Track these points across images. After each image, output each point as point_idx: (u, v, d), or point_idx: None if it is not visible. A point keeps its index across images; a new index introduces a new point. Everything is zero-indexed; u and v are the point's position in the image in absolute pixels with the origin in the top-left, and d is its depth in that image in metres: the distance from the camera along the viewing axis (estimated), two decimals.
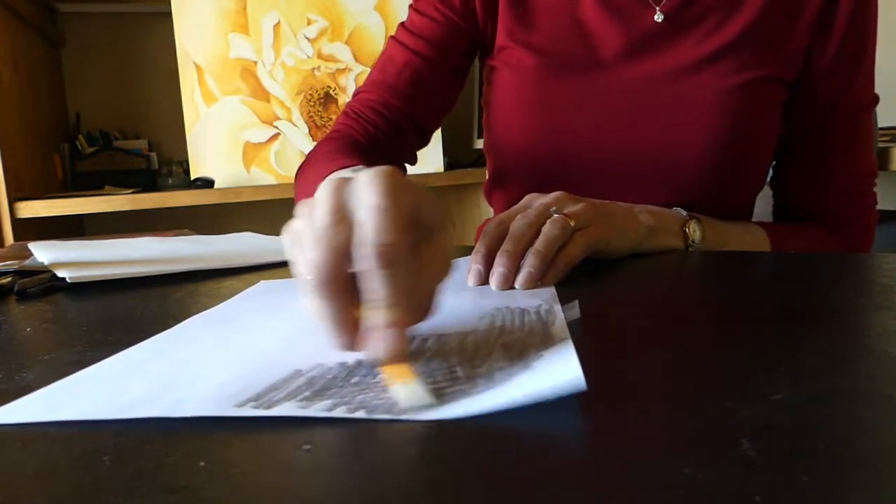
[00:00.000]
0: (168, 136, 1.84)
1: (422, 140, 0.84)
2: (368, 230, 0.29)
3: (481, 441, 0.23)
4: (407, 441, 0.23)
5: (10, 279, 0.56)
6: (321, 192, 0.32)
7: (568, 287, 0.46)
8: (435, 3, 0.77)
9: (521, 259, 0.48)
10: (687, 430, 0.22)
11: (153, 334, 0.38)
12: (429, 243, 0.32)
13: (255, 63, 1.60)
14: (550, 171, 0.74)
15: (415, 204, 0.31)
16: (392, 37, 0.81)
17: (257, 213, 1.78)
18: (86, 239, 0.84)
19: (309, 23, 1.62)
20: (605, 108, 0.72)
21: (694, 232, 0.64)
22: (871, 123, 0.75)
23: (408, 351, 0.29)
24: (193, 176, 1.58)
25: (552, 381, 0.24)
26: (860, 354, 0.31)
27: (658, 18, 0.71)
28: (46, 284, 0.55)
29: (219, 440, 0.23)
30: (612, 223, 0.56)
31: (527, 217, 0.51)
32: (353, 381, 0.28)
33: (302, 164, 0.74)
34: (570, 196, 0.55)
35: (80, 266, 0.58)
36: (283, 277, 0.56)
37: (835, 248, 0.75)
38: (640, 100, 0.71)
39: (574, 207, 0.53)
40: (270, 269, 0.62)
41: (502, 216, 0.53)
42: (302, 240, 0.32)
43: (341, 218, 0.30)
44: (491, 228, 0.51)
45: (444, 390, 0.26)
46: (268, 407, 0.25)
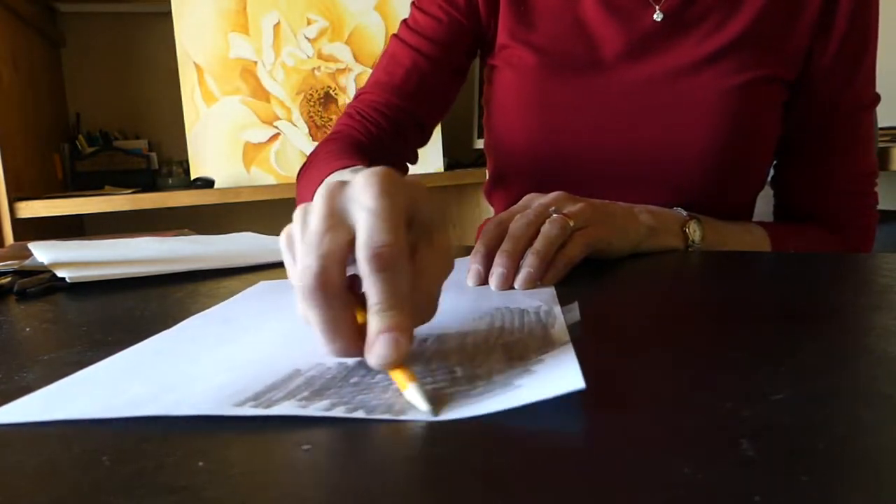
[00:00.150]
0: (168, 136, 1.84)
1: (423, 138, 0.84)
2: (364, 233, 0.28)
3: (480, 441, 0.23)
4: (406, 441, 0.23)
5: (10, 279, 0.56)
6: (316, 196, 0.31)
7: (568, 287, 0.46)
8: (439, 1, 0.77)
9: (520, 259, 0.47)
10: (687, 430, 0.22)
11: (153, 334, 0.38)
12: (427, 244, 0.31)
13: (255, 63, 1.60)
14: (551, 170, 0.74)
15: (411, 204, 0.30)
16: (395, 35, 0.80)
17: (257, 213, 1.78)
18: (86, 239, 0.84)
19: (309, 23, 1.61)
20: (605, 108, 0.72)
21: (694, 232, 0.64)
22: (871, 123, 0.75)
23: (406, 355, 0.28)
24: (193, 176, 1.58)
25: (553, 390, 0.24)
26: (860, 354, 0.31)
27: (657, 18, 0.71)
28: (46, 284, 0.55)
29: (219, 440, 0.23)
30: (612, 223, 0.56)
31: (526, 217, 0.51)
32: (352, 381, 0.28)
33: (304, 165, 0.74)
34: (569, 196, 0.55)
35: (80, 266, 0.58)
36: (282, 277, 0.56)
37: (835, 248, 0.75)
38: (641, 100, 0.71)
39: (573, 207, 0.53)
40: (270, 269, 0.62)
41: (502, 216, 0.53)
42: (294, 246, 0.32)
43: (335, 223, 0.30)
44: (490, 228, 0.51)
45: (443, 391, 0.26)
46: (267, 406, 0.25)
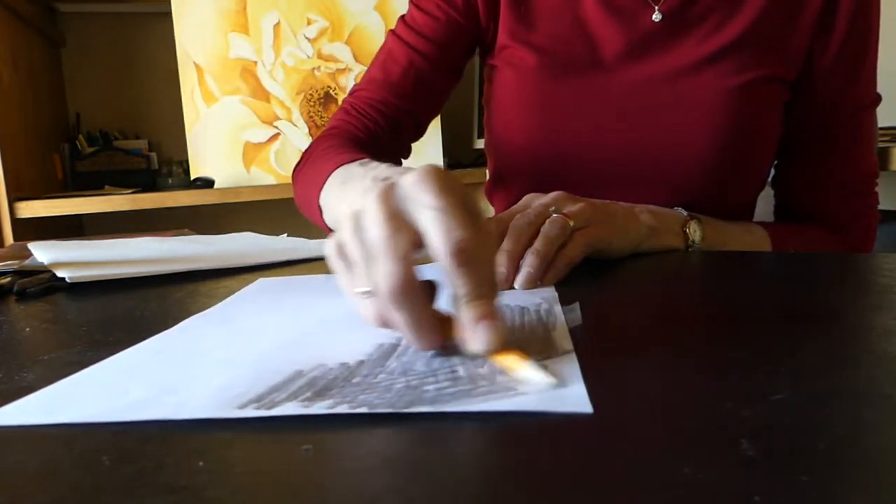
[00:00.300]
0: (168, 136, 1.84)
1: (417, 134, 0.83)
2: (439, 231, 0.29)
3: (480, 441, 0.23)
4: (406, 441, 0.23)
5: (10, 279, 0.56)
6: (367, 201, 0.31)
7: (568, 287, 0.46)
8: (437, 0, 0.77)
9: (520, 259, 0.47)
10: (687, 430, 0.22)
11: (153, 334, 0.38)
12: (479, 232, 0.32)
13: (255, 63, 1.60)
14: (551, 170, 0.74)
15: (465, 197, 0.31)
16: (391, 31, 0.80)
17: (257, 213, 1.78)
18: (86, 239, 0.84)
19: (309, 23, 1.61)
20: (605, 108, 0.72)
21: (694, 232, 0.64)
22: (872, 123, 0.75)
23: (507, 336, 0.30)
24: (193, 176, 1.58)
25: (559, 407, 0.24)
26: (860, 354, 0.31)
27: (656, 18, 0.71)
28: (46, 284, 0.55)
29: (219, 440, 0.23)
30: (613, 223, 0.56)
31: (526, 217, 0.51)
32: (354, 381, 0.28)
33: (301, 162, 0.73)
34: (569, 196, 0.55)
35: (80, 266, 0.58)
36: (281, 276, 0.56)
37: (836, 248, 0.75)
38: (641, 100, 0.71)
39: (573, 207, 0.53)
40: (270, 269, 0.62)
41: (502, 216, 0.53)
42: (351, 252, 0.32)
43: (400, 224, 0.30)
44: (490, 228, 0.51)
45: (445, 390, 0.26)
46: (269, 408, 0.25)
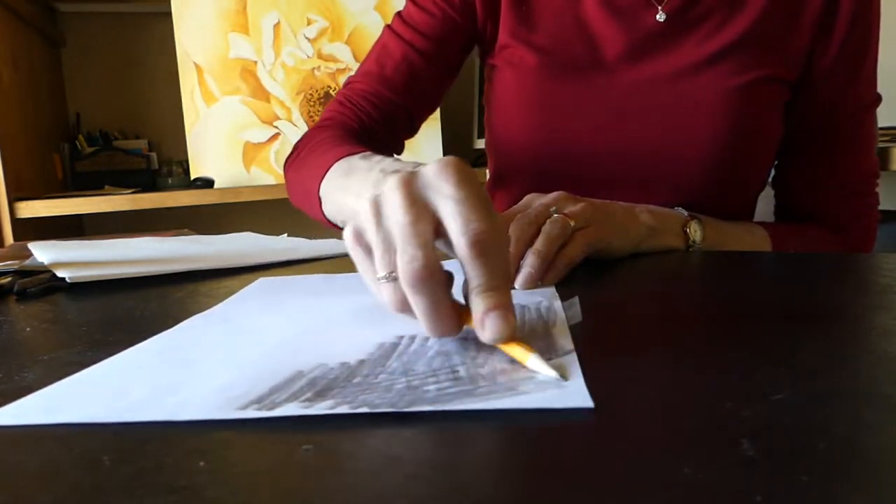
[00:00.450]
0: (168, 136, 1.84)
1: (411, 130, 0.83)
2: (458, 221, 0.30)
3: (480, 441, 0.23)
4: (406, 441, 0.23)
5: (10, 279, 0.56)
6: (387, 189, 0.32)
7: (568, 287, 0.46)
8: None
9: (521, 259, 0.47)
10: (687, 430, 0.22)
11: (153, 334, 0.37)
12: (495, 224, 0.33)
13: (255, 63, 1.60)
14: (551, 170, 0.74)
15: (482, 190, 0.32)
16: (388, 26, 0.80)
17: (257, 213, 1.78)
18: (86, 239, 0.84)
19: (309, 23, 1.61)
20: (606, 109, 0.72)
21: (695, 232, 0.64)
22: (872, 123, 0.75)
23: (515, 329, 0.30)
24: (193, 176, 1.58)
25: (561, 403, 0.25)
26: (860, 354, 0.31)
27: (660, 18, 0.71)
28: (46, 284, 0.55)
29: (219, 440, 0.23)
30: (613, 223, 0.56)
31: (527, 217, 0.51)
32: (354, 381, 0.28)
33: (294, 152, 0.72)
34: (570, 196, 0.55)
35: (80, 266, 0.58)
36: (281, 276, 0.56)
37: (836, 248, 0.75)
38: (642, 100, 0.71)
39: (574, 207, 0.53)
40: (270, 269, 0.62)
41: (502, 216, 0.53)
42: (371, 239, 0.33)
43: (421, 212, 0.31)
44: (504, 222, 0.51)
45: (446, 390, 0.26)
46: (270, 409, 0.25)
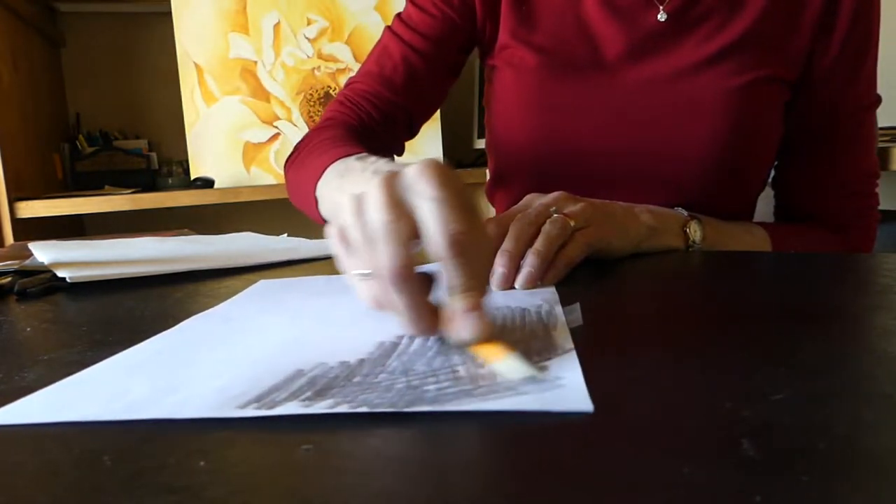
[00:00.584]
0: (168, 136, 1.84)
1: (412, 132, 0.83)
2: (437, 221, 0.31)
3: (480, 441, 0.23)
4: (406, 441, 0.23)
5: (10, 279, 0.56)
6: (370, 187, 0.33)
7: (568, 287, 0.46)
8: None
9: (521, 259, 0.47)
10: (687, 430, 0.22)
11: (153, 334, 0.38)
12: (475, 227, 0.33)
13: (255, 63, 1.60)
14: (552, 171, 0.74)
15: (464, 192, 0.32)
16: (388, 27, 0.80)
17: (257, 213, 1.78)
18: (86, 239, 0.84)
19: (309, 23, 1.61)
20: (606, 109, 0.72)
21: (695, 232, 0.64)
22: (872, 124, 0.75)
23: (493, 329, 0.31)
24: (193, 176, 1.58)
25: (560, 406, 0.25)
26: (860, 354, 0.31)
27: (661, 18, 0.71)
28: (46, 284, 0.55)
29: (219, 440, 0.23)
30: (613, 223, 0.56)
31: (527, 217, 0.51)
32: (355, 380, 0.28)
33: (295, 152, 0.72)
34: (570, 196, 0.55)
35: (80, 266, 0.58)
36: (282, 277, 0.56)
37: (836, 248, 0.75)
38: (642, 100, 0.71)
39: (574, 207, 0.53)
40: (270, 269, 0.62)
41: (502, 216, 0.53)
42: (352, 236, 0.33)
43: (401, 212, 0.32)
44: (491, 228, 0.51)
45: (446, 390, 0.26)
46: (270, 408, 0.25)
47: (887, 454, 0.20)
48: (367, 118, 0.77)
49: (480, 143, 1.83)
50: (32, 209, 1.39)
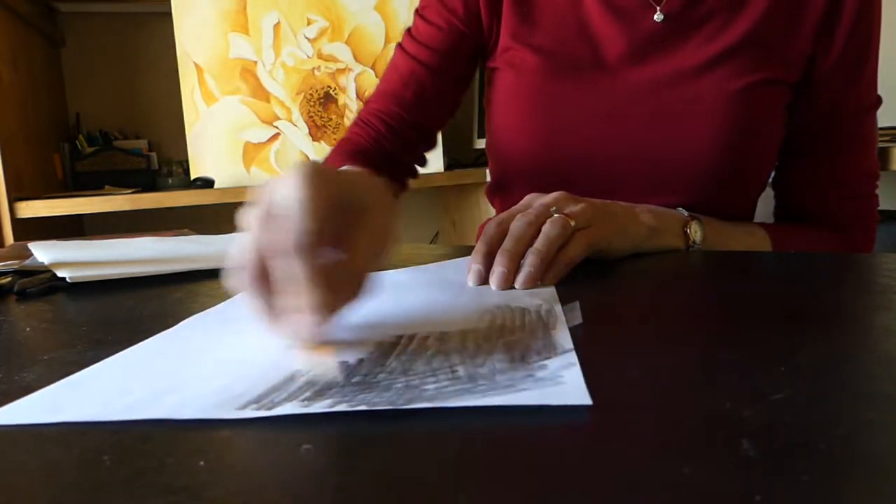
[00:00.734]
0: (168, 136, 1.84)
1: (429, 143, 0.86)
2: (286, 222, 0.31)
3: (481, 440, 0.23)
4: (406, 441, 0.23)
5: (10, 279, 0.56)
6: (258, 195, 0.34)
7: (568, 287, 0.46)
8: (439, 9, 0.78)
9: (521, 259, 0.48)
10: (687, 430, 0.22)
11: (153, 334, 0.38)
12: (360, 225, 0.34)
13: (255, 63, 1.60)
14: (552, 171, 0.74)
15: (338, 192, 0.33)
16: (398, 44, 0.82)
17: None
18: (86, 239, 0.84)
19: (309, 23, 1.61)
20: (607, 110, 0.72)
21: (695, 232, 0.63)
22: (873, 125, 0.75)
23: (324, 332, 0.31)
24: (193, 176, 1.58)
25: (559, 400, 0.25)
26: (860, 354, 0.31)
27: (657, 19, 0.71)
28: (46, 284, 0.55)
29: (219, 440, 0.23)
30: (613, 223, 0.56)
31: (527, 217, 0.51)
32: (354, 380, 0.28)
33: None
34: (570, 196, 0.55)
35: (80, 266, 0.58)
36: None
37: (836, 248, 0.75)
38: (643, 102, 0.71)
39: (574, 207, 0.53)
40: None
41: (502, 216, 0.53)
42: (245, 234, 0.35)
43: (267, 219, 0.33)
44: (491, 228, 0.51)
45: (444, 389, 0.26)
46: (269, 409, 0.25)
47: (887, 454, 0.20)
48: (381, 138, 0.80)
49: (480, 143, 1.83)
50: (32, 209, 1.39)
